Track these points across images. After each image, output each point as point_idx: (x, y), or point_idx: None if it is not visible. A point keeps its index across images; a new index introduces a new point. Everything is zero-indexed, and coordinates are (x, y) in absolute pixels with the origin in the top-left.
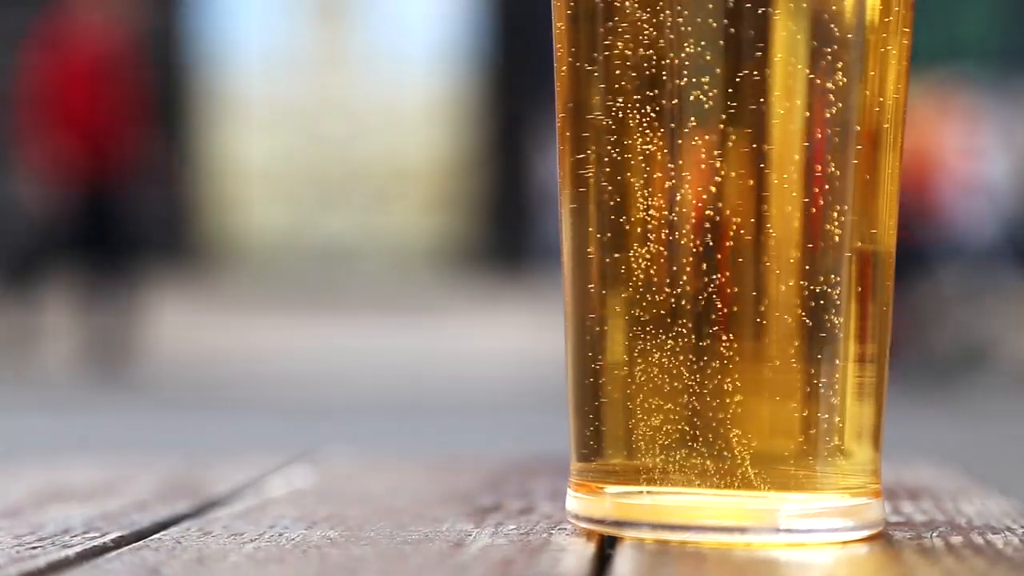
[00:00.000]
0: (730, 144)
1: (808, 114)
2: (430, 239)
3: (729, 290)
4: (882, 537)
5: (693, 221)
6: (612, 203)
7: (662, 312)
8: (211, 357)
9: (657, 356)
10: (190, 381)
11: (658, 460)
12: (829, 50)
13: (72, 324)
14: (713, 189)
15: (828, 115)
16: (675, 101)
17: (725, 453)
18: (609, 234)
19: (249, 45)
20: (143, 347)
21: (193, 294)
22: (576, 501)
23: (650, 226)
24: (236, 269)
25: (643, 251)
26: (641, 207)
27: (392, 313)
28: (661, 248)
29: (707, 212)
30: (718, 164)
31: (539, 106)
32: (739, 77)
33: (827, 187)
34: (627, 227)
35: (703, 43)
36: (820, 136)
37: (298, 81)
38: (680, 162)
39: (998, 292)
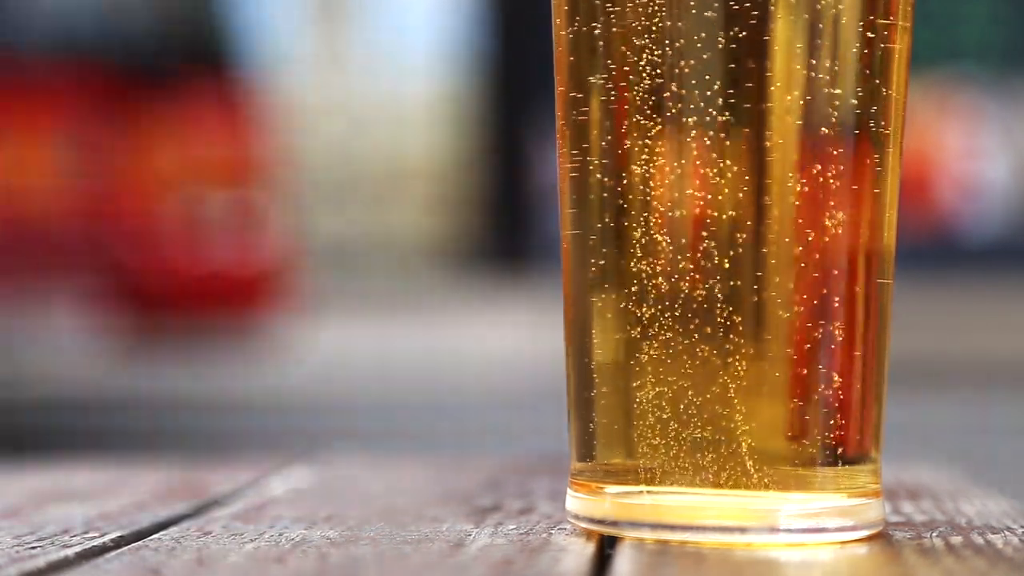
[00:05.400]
0: (730, 143)
1: (809, 113)
2: (430, 239)
3: (729, 289)
4: (882, 537)
5: (693, 219)
6: (612, 203)
7: (662, 311)
8: None
9: (657, 356)
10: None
11: (658, 460)
12: (829, 50)
13: None
14: (713, 187)
15: (829, 114)
16: (674, 100)
17: (725, 453)
18: (609, 233)
19: (249, 45)
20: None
21: None
22: (576, 501)
23: (650, 225)
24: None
25: (643, 250)
26: (641, 206)
27: (392, 313)
28: (661, 247)
29: (707, 210)
30: (718, 162)
31: (539, 106)
32: (738, 76)
33: (828, 186)
34: (627, 226)
35: (702, 41)
36: (821, 135)
37: (298, 81)
38: (680, 161)
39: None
